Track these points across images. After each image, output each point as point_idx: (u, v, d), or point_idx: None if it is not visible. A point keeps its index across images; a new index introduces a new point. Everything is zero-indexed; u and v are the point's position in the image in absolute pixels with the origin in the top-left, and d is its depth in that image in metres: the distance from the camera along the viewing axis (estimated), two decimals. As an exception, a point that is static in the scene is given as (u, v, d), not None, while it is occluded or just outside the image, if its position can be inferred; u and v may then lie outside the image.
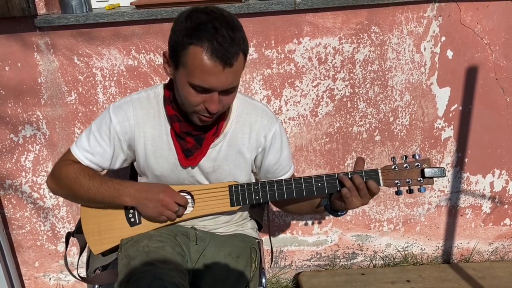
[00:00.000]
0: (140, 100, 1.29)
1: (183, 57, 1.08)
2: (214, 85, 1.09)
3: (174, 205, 1.27)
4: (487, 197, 2.15)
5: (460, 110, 1.98)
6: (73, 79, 1.80)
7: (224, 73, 1.07)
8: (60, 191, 1.36)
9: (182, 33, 1.07)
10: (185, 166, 1.31)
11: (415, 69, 1.90)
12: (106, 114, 1.29)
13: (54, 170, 1.33)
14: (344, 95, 1.91)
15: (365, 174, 1.23)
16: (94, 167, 1.33)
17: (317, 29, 1.80)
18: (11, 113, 1.84)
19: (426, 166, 1.23)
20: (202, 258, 1.33)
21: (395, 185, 1.24)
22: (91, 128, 1.31)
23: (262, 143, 1.34)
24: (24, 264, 2.12)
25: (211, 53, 1.05)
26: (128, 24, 1.73)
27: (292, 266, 2.23)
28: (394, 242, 2.21)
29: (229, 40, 1.06)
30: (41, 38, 1.73)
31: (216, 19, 1.06)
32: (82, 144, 1.31)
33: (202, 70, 1.07)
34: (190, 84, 1.10)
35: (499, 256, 2.28)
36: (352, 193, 1.21)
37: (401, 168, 1.24)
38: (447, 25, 1.84)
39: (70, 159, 1.32)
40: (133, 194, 1.27)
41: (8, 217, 2.01)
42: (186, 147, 1.27)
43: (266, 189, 1.29)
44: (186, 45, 1.06)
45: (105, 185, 1.27)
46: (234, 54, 1.07)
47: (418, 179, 1.24)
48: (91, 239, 1.35)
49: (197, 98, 1.12)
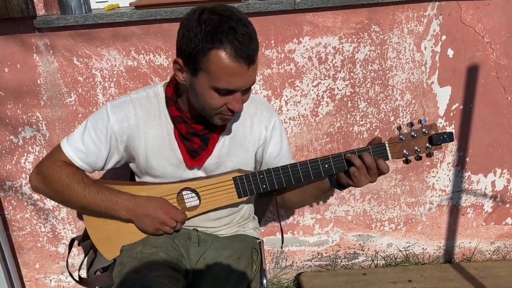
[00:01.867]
0: (140, 99, 1.26)
1: (204, 63, 1.06)
2: (240, 86, 1.09)
3: (171, 221, 1.26)
4: (488, 196, 2.14)
5: (461, 109, 1.97)
6: (72, 80, 1.80)
7: (249, 71, 1.07)
8: (47, 192, 1.29)
9: (200, 38, 1.04)
10: (191, 167, 1.29)
11: (416, 68, 1.89)
12: (103, 112, 1.25)
13: (43, 170, 1.26)
14: (344, 95, 1.91)
15: (373, 150, 1.20)
16: (86, 168, 1.28)
17: (317, 28, 1.79)
18: (10, 115, 1.83)
19: (433, 133, 1.20)
20: (202, 260, 1.32)
21: (403, 156, 1.21)
22: (86, 125, 1.26)
23: (263, 134, 1.33)
24: (24, 266, 2.11)
25: (236, 54, 1.03)
26: (128, 25, 1.72)
27: (293, 267, 2.22)
28: (396, 242, 2.21)
29: (248, 37, 1.05)
30: (40, 39, 1.72)
31: (230, 18, 1.05)
32: (75, 143, 1.25)
33: (227, 73, 1.05)
34: (213, 88, 1.09)
35: (501, 255, 2.27)
36: (361, 171, 1.18)
37: (408, 138, 1.20)
38: (448, 24, 1.83)
39: (61, 159, 1.26)
40: (130, 209, 1.25)
41: (9, 219, 2.01)
42: (192, 148, 1.26)
43: (272, 176, 1.25)
44: (207, 51, 1.04)
45: (101, 194, 1.24)
46: (255, 50, 1.07)
47: (426, 146, 1.20)
48: (102, 248, 1.34)
49: (220, 101, 1.11)
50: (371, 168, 1.18)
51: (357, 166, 1.18)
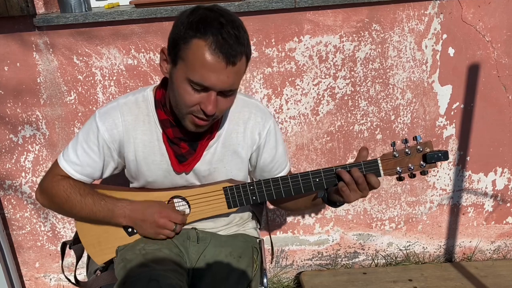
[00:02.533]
0: (128, 104, 1.24)
1: (184, 51, 1.03)
2: (214, 83, 1.04)
3: (170, 224, 1.26)
4: (489, 196, 2.14)
5: (462, 108, 1.97)
6: (72, 78, 1.79)
7: (226, 71, 1.03)
8: (52, 207, 1.32)
9: (185, 26, 1.03)
10: (179, 172, 1.27)
11: (417, 67, 1.88)
12: (92, 123, 1.24)
13: (44, 186, 1.29)
14: (345, 94, 1.90)
15: (364, 166, 1.18)
16: (85, 179, 1.28)
17: (317, 27, 1.79)
18: (10, 113, 1.83)
19: (428, 151, 1.17)
20: (202, 258, 1.32)
21: (396, 173, 1.19)
22: (78, 138, 1.26)
23: (256, 140, 1.30)
24: (24, 265, 2.11)
25: (215, 47, 1.01)
26: (128, 23, 1.72)
27: (293, 266, 2.22)
28: (396, 241, 2.20)
29: (235, 38, 1.02)
30: (40, 37, 1.72)
31: (222, 16, 1.03)
32: (70, 157, 1.26)
33: (203, 65, 1.02)
34: (188, 80, 1.05)
35: (502, 254, 2.27)
36: (350, 187, 1.16)
37: (402, 154, 1.17)
38: (449, 23, 1.82)
39: (59, 174, 1.27)
40: (128, 215, 1.25)
41: (8, 218, 2.00)
42: (180, 152, 1.23)
43: (262, 188, 1.25)
44: (189, 38, 1.02)
45: (98, 205, 1.24)
46: (238, 53, 1.03)
47: (420, 164, 1.18)
48: (92, 251, 1.34)
49: (194, 98, 1.07)
50: (359, 183, 1.15)
51: (346, 180, 1.16)
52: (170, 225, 1.26)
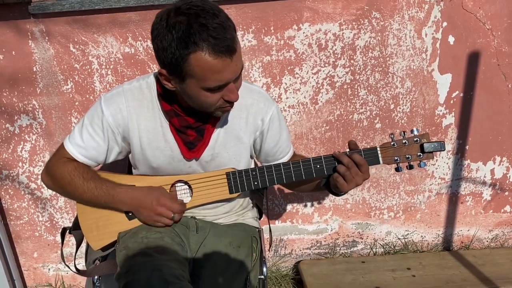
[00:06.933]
0: (132, 90, 1.26)
1: (187, 68, 1.05)
2: (229, 78, 1.08)
3: (168, 213, 1.26)
4: (487, 184, 2.14)
5: (461, 97, 1.96)
6: (69, 67, 1.77)
7: (233, 61, 1.05)
8: (55, 189, 1.34)
9: (175, 46, 1.02)
10: (189, 159, 1.29)
11: (416, 55, 1.87)
12: (97, 107, 1.26)
13: (49, 167, 1.31)
14: (344, 82, 1.89)
15: (364, 153, 1.24)
16: (89, 162, 1.30)
17: (317, 14, 1.77)
18: (6, 103, 1.81)
19: (425, 141, 1.24)
20: (202, 248, 1.32)
21: (394, 162, 1.25)
22: (83, 121, 1.28)
23: (259, 126, 1.32)
24: (22, 255, 2.11)
25: (214, 51, 1.02)
26: (125, 11, 1.70)
27: (292, 255, 2.22)
28: (395, 230, 2.21)
29: (221, 28, 1.02)
30: (36, 25, 1.69)
31: (198, 15, 1.01)
32: (75, 139, 1.28)
33: (213, 71, 1.04)
34: (204, 89, 1.08)
35: (499, 243, 2.28)
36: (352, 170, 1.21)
37: (400, 144, 1.25)
38: (449, 10, 1.81)
39: (64, 156, 1.29)
40: (127, 202, 1.26)
41: (6, 208, 1.99)
42: (188, 140, 1.25)
43: (264, 174, 1.29)
44: (186, 56, 1.02)
45: (99, 189, 1.25)
46: (232, 38, 1.04)
47: (417, 154, 1.24)
48: (89, 236, 1.33)
49: (215, 97, 1.11)
50: (361, 164, 1.21)
51: (345, 163, 1.21)
52: (168, 214, 1.26)
